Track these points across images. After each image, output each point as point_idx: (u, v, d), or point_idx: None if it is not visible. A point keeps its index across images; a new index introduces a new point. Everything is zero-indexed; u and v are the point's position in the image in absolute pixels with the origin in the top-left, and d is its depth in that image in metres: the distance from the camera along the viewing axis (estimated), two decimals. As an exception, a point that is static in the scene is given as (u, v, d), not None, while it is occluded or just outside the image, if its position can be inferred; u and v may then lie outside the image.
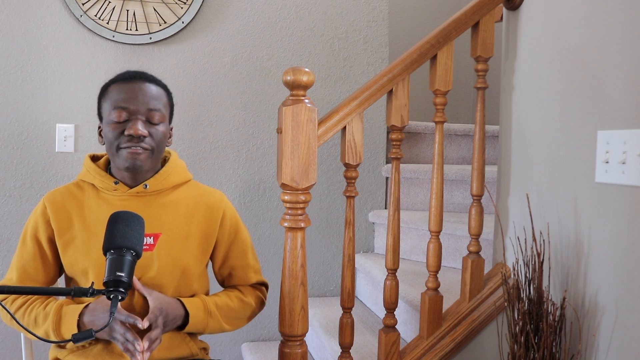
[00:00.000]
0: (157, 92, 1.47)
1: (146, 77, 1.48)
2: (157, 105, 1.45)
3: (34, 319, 1.42)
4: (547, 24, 1.71)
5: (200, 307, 1.45)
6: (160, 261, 1.45)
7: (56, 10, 2.42)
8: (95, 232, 1.44)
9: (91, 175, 1.50)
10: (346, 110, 1.64)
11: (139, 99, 1.43)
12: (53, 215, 1.47)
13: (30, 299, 1.46)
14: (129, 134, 1.41)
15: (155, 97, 1.46)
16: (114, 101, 1.44)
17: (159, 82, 1.51)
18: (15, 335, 2.42)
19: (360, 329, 2.20)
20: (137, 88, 1.44)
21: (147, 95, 1.44)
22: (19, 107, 2.41)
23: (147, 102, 1.44)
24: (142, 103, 1.43)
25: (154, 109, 1.44)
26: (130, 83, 1.45)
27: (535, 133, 1.76)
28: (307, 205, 1.57)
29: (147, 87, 1.46)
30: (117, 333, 1.33)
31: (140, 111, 1.43)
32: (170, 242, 1.48)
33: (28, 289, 1.16)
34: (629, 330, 1.36)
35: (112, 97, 1.45)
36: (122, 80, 1.46)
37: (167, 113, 1.50)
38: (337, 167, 2.69)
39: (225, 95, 2.58)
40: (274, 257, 2.65)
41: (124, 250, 1.17)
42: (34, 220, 1.49)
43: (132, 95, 1.43)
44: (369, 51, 2.71)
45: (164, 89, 1.51)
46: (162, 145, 1.48)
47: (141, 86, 1.45)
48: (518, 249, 1.77)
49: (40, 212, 1.49)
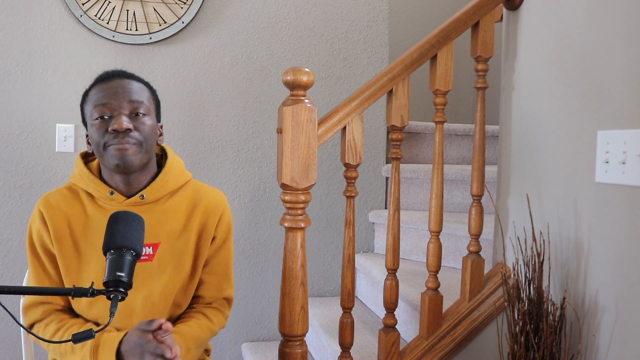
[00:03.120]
0: (139, 87, 1.43)
1: (125, 74, 1.44)
2: (139, 97, 1.40)
3: (71, 347, 1.36)
4: (547, 24, 1.71)
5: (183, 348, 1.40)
6: (160, 272, 1.42)
7: (56, 10, 2.42)
8: (93, 241, 1.41)
9: (85, 182, 1.45)
10: (346, 110, 1.64)
11: (120, 94, 1.38)
12: (50, 220, 1.42)
13: (65, 325, 1.40)
14: (112, 129, 1.35)
15: (137, 92, 1.42)
16: (94, 101, 1.39)
17: (139, 78, 1.47)
18: (16, 335, 2.42)
19: (360, 329, 2.20)
20: (116, 85, 1.40)
21: (128, 89, 1.40)
22: (19, 107, 2.41)
23: (128, 95, 1.39)
24: (123, 97, 1.38)
25: (136, 101, 1.39)
26: (110, 82, 1.41)
27: (535, 133, 1.76)
28: (307, 205, 1.57)
29: (127, 83, 1.41)
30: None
31: (122, 106, 1.38)
32: (171, 251, 1.44)
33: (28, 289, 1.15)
34: (629, 330, 1.36)
35: (92, 99, 1.41)
36: (101, 81, 1.42)
37: (152, 107, 1.46)
38: (337, 167, 2.70)
39: (225, 95, 2.59)
40: (274, 257, 2.65)
41: (124, 250, 1.16)
42: (36, 229, 1.45)
43: (112, 92, 1.39)
44: (369, 51, 2.71)
45: (145, 85, 1.47)
46: (151, 139, 1.42)
47: (120, 82, 1.41)
48: (518, 249, 1.77)
49: (38, 218, 1.44)
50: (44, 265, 1.45)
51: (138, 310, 1.41)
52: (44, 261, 1.44)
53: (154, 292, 1.42)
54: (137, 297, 1.40)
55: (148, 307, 1.41)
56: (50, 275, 1.44)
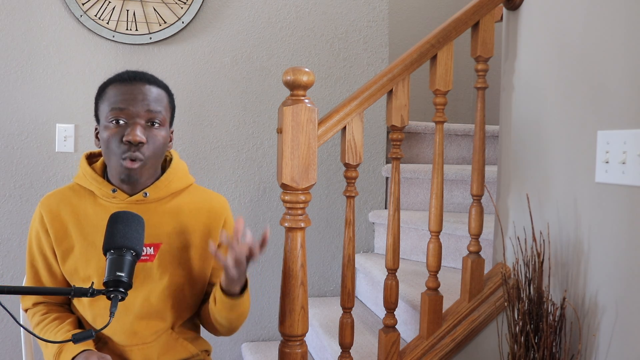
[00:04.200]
0: (158, 94, 1.39)
1: (146, 78, 1.40)
2: (157, 107, 1.37)
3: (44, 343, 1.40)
4: (547, 24, 1.71)
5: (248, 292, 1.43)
6: (161, 272, 1.41)
7: (56, 10, 2.42)
8: (93, 240, 1.40)
9: (88, 181, 1.44)
10: (346, 110, 1.64)
11: (138, 101, 1.35)
12: (49, 223, 1.42)
13: (46, 319, 1.43)
14: (127, 140, 1.32)
15: (156, 100, 1.38)
16: (111, 103, 1.36)
17: (160, 82, 1.43)
18: (16, 335, 2.43)
19: (360, 329, 2.20)
20: (136, 90, 1.36)
21: (147, 97, 1.37)
22: (19, 107, 2.41)
23: (147, 104, 1.35)
24: (141, 105, 1.35)
25: (155, 111, 1.36)
26: (130, 84, 1.37)
27: (535, 133, 1.76)
28: (307, 205, 1.56)
29: (147, 89, 1.37)
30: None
31: (139, 114, 1.35)
32: (172, 252, 1.43)
33: (28, 289, 1.16)
34: (629, 330, 1.36)
35: (109, 99, 1.37)
36: (121, 81, 1.39)
37: (168, 116, 1.43)
38: (337, 167, 2.70)
39: (225, 95, 2.59)
40: (274, 257, 2.65)
41: (124, 250, 1.16)
42: (35, 231, 1.45)
43: (131, 96, 1.35)
44: (369, 51, 2.71)
45: (165, 90, 1.43)
46: (160, 152, 1.40)
47: (141, 88, 1.37)
48: (518, 249, 1.77)
49: (38, 221, 1.44)
50: (36, 268, 1.46)
51: (136, 310, 1.41)
52: (38, 264, 1.45)
53: (153, 292, 1.41)
54: (136, 296, 1.40)
55: (146, 307, 1.41)
56: (40, 278, 1.45)
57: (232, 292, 1.37)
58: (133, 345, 1.42)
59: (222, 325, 1.47)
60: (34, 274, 1.46)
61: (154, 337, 1.43)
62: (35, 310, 1.47)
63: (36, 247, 1.45)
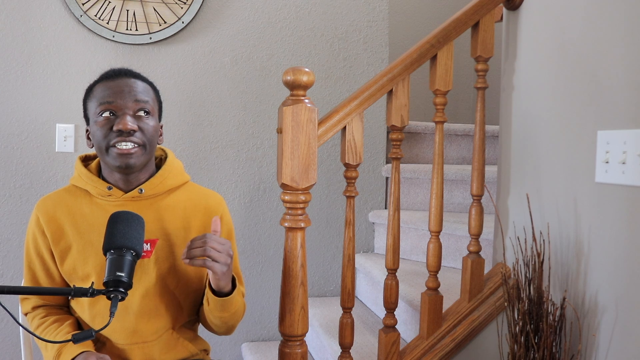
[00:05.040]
0: (144, 87, 1.43)
1: (131, 74, 1.44)
2: (145, 97, 1.41)
3: (44, 344, 1.41)
4: (547, 24, 1.71)
5: (239, 290, 1.44)
6: (157, 268, 1.42)
7: (56, 10, 2.42)
8: (90, 239, 1.41)
9: (83, 180, 1.45)
10: (346, 110, 1.64)
11: (125, 93, 1.38)
12: (46, 225, 1.43)
13: (46, 322, 1.44)
14: (117, 129, 1.35)
15: (143, 91, 1.42)
16: (99, 98, 1.39)
17: (144, 78, 1.47)
18: (15, 335, 2.43)
19: (360, 329, 2.20)
20: (122, 83, 1.40)
21: (134, 89, 1.40)
22: (19, 107, 2.41)
23: (134, 95, 1.39)
24: (129, 97, 1.38)
25: (142, 101, 1.39)
26: (116, 79, 1.41)
27: (535, 133, 1.76)
28: (307, 205, 1.56)
29: (133, 82, 1.42)
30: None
31: (127, 105, 1.38)
32: (168, 248, 1.44)
33: (29, 289, 1.16)
34: (629, 330, 1.36)
35: (97, 96, 1.40)
36: (107, 79, 1.42)
37: (156, 108, 1.46)
38: (337, 167, 2.70)
39: (225, 95, 2.59)
40: (274, 257, 2.65)
41: (124, 250, 1.16)
42: (32, 233, 1.46)
43: (118, 90, 1.39)
44: (369, 51, 2.71)
45: (150, 85, 1.47)
46: (153, 140, 1.42)
47: (127, 81, 1.41)
48: (518, 249, 1.77)
49: (34, 223, 1.45)
50: (34, 271, 1.46)
51: (136, 308, 1.41)
52: (35, 266, 1.45)
53: (151, 289, 1.42)
54: (134, 293, 1.40)
55: (145, 304, 1.41)
56: (38, 280, 1.46)
57: (222, 291, 1.38)
58: (133, 344, 1.42)
59: (217, 325, 1.47)
60: (32, 277, 1.46)
61: (155, 336, 1.43)
62: (34, 314, 1.47)
63: (33, 250, 1.45)
